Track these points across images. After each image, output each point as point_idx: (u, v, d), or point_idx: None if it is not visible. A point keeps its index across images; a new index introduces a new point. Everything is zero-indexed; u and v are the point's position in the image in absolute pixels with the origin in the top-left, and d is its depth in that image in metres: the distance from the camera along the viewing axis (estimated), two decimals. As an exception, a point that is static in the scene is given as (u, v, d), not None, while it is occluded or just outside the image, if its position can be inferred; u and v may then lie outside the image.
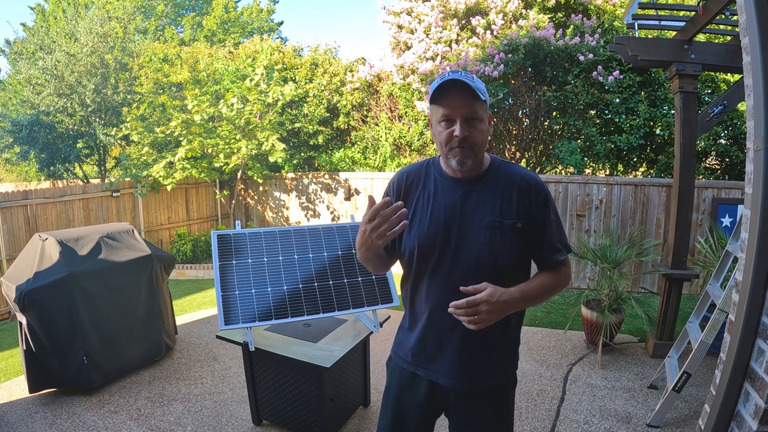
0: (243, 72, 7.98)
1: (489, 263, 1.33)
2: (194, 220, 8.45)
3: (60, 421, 2.90)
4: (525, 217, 1.35)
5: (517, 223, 1.34)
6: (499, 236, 1.33)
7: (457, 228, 1.36)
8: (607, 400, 3.05)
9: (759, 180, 1.38)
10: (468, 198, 1.37)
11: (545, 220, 1.37)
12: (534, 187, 1.36)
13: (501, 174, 1.39)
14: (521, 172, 1.40)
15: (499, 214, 1.34)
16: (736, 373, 1.42)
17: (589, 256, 3.93)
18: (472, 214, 1.35)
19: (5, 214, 5.89)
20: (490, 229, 1.33)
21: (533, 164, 7.06)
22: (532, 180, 1.38)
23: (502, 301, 1.24)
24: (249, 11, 16.98)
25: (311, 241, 2.76)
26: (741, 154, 5.71)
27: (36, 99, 9.40)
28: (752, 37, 1.39)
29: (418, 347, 1.44)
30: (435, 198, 1.40)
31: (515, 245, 1.34)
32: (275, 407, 2.68)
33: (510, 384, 1.48)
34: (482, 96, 1.28)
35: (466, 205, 1.37)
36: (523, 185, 1.36)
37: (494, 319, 1.24)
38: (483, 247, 1.33)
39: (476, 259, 1.33)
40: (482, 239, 1.33)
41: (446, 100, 1.29)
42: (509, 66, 6.27)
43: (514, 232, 1.34)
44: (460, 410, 1.45)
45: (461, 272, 1.34)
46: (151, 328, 3.64)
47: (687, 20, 3.39)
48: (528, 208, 1.35)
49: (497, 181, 1.38)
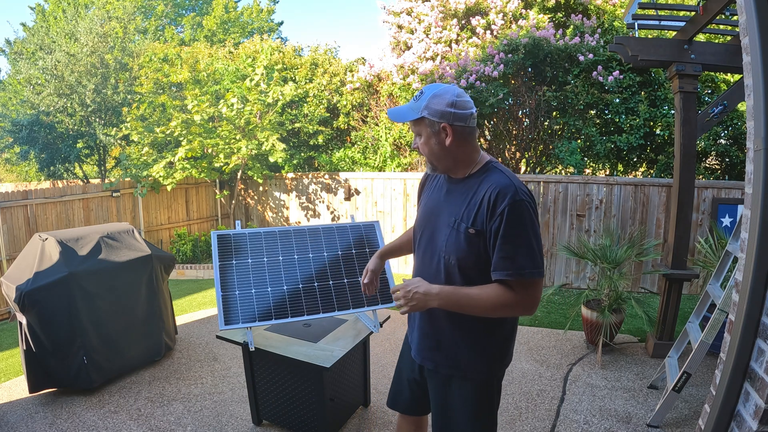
0: (243, 72, 7.99)
1: (447, 260, 1.47)
2: (194, 220, 8.45)
3: (60, 421, 2.90)
4: (480, 225, 1.40)
5: (470, 229, 1.41)
6: (455, 236, 1.45)
7: (434, 221, 1.55)
8: (607, 400, 3.05)
9: (759, 180, 1.38)
10: (448, 196, 1.53)
11: (497, 234, 1.36)
12: (497, 199, 1.37)
13: (481, 180, 1.46)
14: (498, 181, 1.41)
15: (460, 216, 1.45)
16: (736, 373, 1.42)
17: (589, 256, 3.93)
18: (444, 211, 1.52)
19: (5, 214, 5.90)
20: (449, 228, 1.47)
21: (533, 164, 7.06)
22: (501, 191, 1.37)
23: (421, 293, 1.38)
24: (249, 11, 16.99)
25: (311, 241, 2.76)
26: (741, 154, 5.71)
27: (36, 99, 9.40)
28: (752, 37, 1.39)
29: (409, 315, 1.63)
30: (433, 192, 1.61)
31: (468, 249, 1.42)
32: (275, 407, 2.68)
33: (461, 378, 1.53)
34: (414, 115, 1.46)
35: (444, 202, 1.54)
36: (489, 195, 1.39)
37: (415, 308, 1.39)
38: (444, 243, 1.48)
39: (439, 253, 1.50)
40: (444, 236, 1.49)
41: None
42: (509, 66, 6.27)
43: (466, 236, 1.42)
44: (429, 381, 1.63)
45: (429, 258, 1.54)
46: (151, 328, 3.63)
47: (687, 20, 3.39)
48: (484, 218, 1.39)
49: (474, 186, 1.47)
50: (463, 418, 1.54)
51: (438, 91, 1.45)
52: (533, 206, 1.40)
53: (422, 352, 1.59)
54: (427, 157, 1.51)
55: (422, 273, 1.55)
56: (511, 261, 1.35)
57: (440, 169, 1.53)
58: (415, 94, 1.50)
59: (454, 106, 1.42)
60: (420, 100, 1.46)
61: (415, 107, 1.47)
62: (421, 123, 1.47)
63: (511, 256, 1.35)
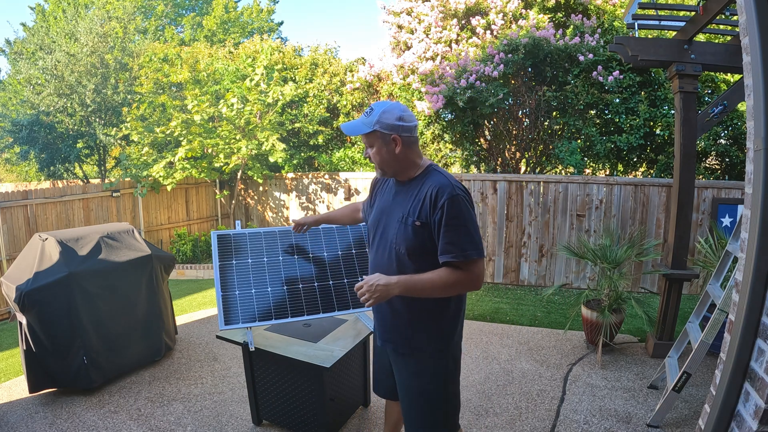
0: (243, 72, 7.98)
1: (398, 250, 1.70)
2: (194, 220, 8.45)
3: (60, 421, 2.90)
4: (424, 218, 1.63)
5: (416, 222, 1.65)
6: (404, 230, 1.67)
7: (385, 219, 1.78)
8: (607, 400, 3.05)
9: (759, 180, 1.38)
10: (396, 197, 1.77)
11: (440, 224, 1.60)
12: (437, 195, 1.61)
13: (423, 181, 1.70)
14: (438, 181, 1.65)
15: (408, 212, 1.68)
16: (736, 373, 1.42)
17: (589, 256, 3.93)
18: (394, 209, 1.75)
19: (5, 214, 5.90)
20: (399, 223, 1.70)
21: (533, 164, 7.06)
22: (441, 189, 1.62)
23: (382, 284, 1.57)
24: (249, 11, 16.99)
25: (311, 241, 2.76)
26: (741, 154, 5.71)
27: (36, 99, 9.40)
28: (752, 37, 1.39)
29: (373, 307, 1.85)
30: (384, 194, 1.85)
31: (415, 239, 1.65)
32: (275, 407, 2.68)
33: (419, 351, 1.74)
34: (365, 129, 1.68)
35: (393, 202, 1.77)
36: (431, 192, 1.63)
37: (379, 298, 1.57)
38: (394, 236, 1.70)
39: (391, 245, 1.72)
40: (395, 230, 1.71)
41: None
42: (509, 66, 6.27)
43: (413, 228, 1.65)
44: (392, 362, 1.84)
45: (382, 253, 1.76)
46: (151, 328, 3.63)
47: (687, 20, 3.39)
48: (428, 211, 1.63)
49: (418, 186, 1.70)
50: (422, 392, 1.74)
51: (387, 108, 1.68)
52: (468, 199, 1.65)
53: (383, 336, 1.82)
54: (378, 164, 1.74)
55: (377, 264, 1.78)
56: (455, 245, 1.58)
57: (389, 174, 1.76)
58: (365, 110, 1.73)
59: (402, 119, 1.67)
60: (371, 115, 1.68)
61: (367, 122, 1.69)
62: (374, 135, 1.69)
63: (454, 242, 1.58)
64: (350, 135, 1.78)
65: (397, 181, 1.80)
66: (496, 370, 3.53)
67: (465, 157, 7.14)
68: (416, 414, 1.76)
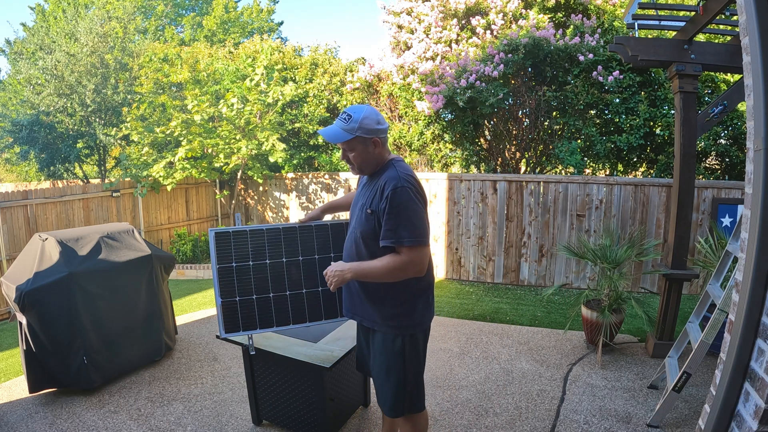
0: (243, 72, 7.98)
1: (356, 235, 1.91)
2: (194, 220, 8.45)
3: (60, 421, 2.90)
4: (375, 207, 1.82)
5: (368, 209, 1.85)
6: (363, 217, 1.87)
7: (353, 209, 2.02)
8: (607, 400, 3.05)
9: (759, 180, 1.38)
10: (363, 189, 1.97)
11: (383, 212, 1.77)
12: (385, 186, 1.79)
13: (382, 175, 1.86)
14: (389, 174, 1.82)
15: (366, 202, 1.87)
16: (736, 373, 1.42)
17: (589, 256, 3.93)
18: (359, 199, 1.96)
19: (5, 214, 5.89)
20: (360, 212, 1.91)
21: (533, 164, 7.06)
22: (388, 181, 1.80)
23: (338, 271, 1.78)
24: (249, 11, 16.99)
25: (318, 240, 2.52)
26: (741, 154, 5.71)
27: (36, 99, 9.40)
28: (752, 37, 1.39)
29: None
30: (360, 188, 2.04)
31: (366, 225, 1.86)
32: (275, 407, 2.68)
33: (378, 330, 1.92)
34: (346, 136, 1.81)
35: (360, 194, 1.98)
36: (383, 184, 1.81)
37: (338, 282, 1.78)
38: (355, 222, 1.94)
39: (354, 229, 1.94)
40: (357, 218, 1.93)
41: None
42: (509, 66, 6.26)
43: (366, 216, 1.85)
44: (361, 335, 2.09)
45: (350, 235, 1.99)
46: (151, 328, 3.63)
47: (687, 20, 3.39)
48: (378, 201, 1.81)
49: (378, 179, 1.87)
50: (384, 364, 1.91)
51: (366, 113, 1.82)
52: (415, 191, 1.79)
53: (351, 310, 2.03)
54: (358, 165, 1.89)
55: (345, 248, 2.02)
56: (393, 232, 1.76)
57: (367, 171, 1.93)
58: (341, 116, 1.84)
59: (380, 123, 1.84)
60: (350, 122, 1.81)
61: (348, 128, 1.81)
62: (355, 141, 1.83)
63: (392, 228, 1.76)
64: (332, 142, 1.90)
65: (366, 176, 1.99)
66: (496, 370, 3.53)
67: (465, 157, 7.14)
68: (379, 388, 1.96)
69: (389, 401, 1.93)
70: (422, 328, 1.94)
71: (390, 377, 1.91)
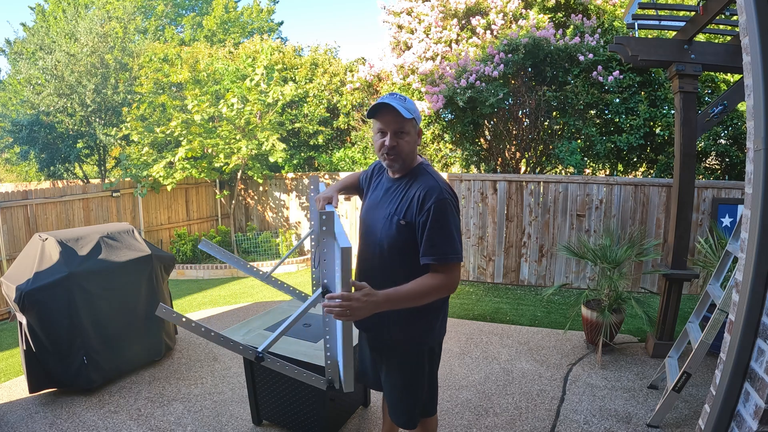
0: (243, 72, 7.98)
1: (381, 245, 1.70)
2: (194, 220, 8.45)
3: (60, 421, 2.90)
4: (410, 218, 1.64)
5: (401, 221, 1.65)
6: (389, 227, 1.68)
7: (373, 213, 1.78)
8: (607, 400, 3.05)
9: (759, 180, 1.38)
10: (387, 193, 1.77)
11: (425, 226, 1.60)
12: (424, 197, 1.61)
13: (415, 180, 1.69)
14: (428, 183, 1.65)
15: (395, 210, 1.68)
16: (736, 373, 1.42)
17: (589, 256, 3.93)
18: (383, 205, 1.75)
19: (5, 214, 5.89)
20: (385, 220, 1.70)
21: (533, 164, 7.05)
22: (429, 192, 1.62)
23: (373, 302, 1.45)
24: (249, 11, 16.99)
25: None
26: (741, 154, 5.71)
27: (36, 99, 9.40)
28: (752, 37, 1.39)
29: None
30: (377, 187, 1.84)
31: (398, 237, 1.66)
32: (275, 407, 2.68)
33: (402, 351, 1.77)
34: (409, 115, 1.61)
35: (384, 197, 1.77)
36: (419, 193, 1.63)
37: (362, 315, 1.43)
38: (380, 232, 1.71)
39: (376, 240, 1.71)
40: (381, 226, 1.71)
41: (381, 117, 1.64)
42: (509, 66, 6.26)
43: (398, 227, 1.66)
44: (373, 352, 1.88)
45: (370, 246, 1.75)
46: (151, 328, 3.63)
47: (687, 20, 3.39)
48: (414, 212, 1.63)
49: (409, 185, 1.70)
50: (402, 381, 1.78)
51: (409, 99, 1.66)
52: (455, 204, 1.66)
53: (366, 330, 1.83)
54: (405, 154, 1.67)
55: (364, 255, 1.78)
56: (437, 248, 1.58)
57: (400, 166, 1.71)
58: (392, 95, 1.63)
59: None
60: (407, 102, 1.63)
61: (409, 108, 1.62)
62: (410, 123, 1.65)
63: (436, 244, 1.58)
64: (405, 115, 1.60)
65: (389, 177, 1.80)
66: (496, 370, 3.53)
67: (465, 157, 7.14)
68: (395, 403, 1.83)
69: (406, 414, 1.81)
70: (440, 340, 1.85)
71: (409, 392, 1.80)
